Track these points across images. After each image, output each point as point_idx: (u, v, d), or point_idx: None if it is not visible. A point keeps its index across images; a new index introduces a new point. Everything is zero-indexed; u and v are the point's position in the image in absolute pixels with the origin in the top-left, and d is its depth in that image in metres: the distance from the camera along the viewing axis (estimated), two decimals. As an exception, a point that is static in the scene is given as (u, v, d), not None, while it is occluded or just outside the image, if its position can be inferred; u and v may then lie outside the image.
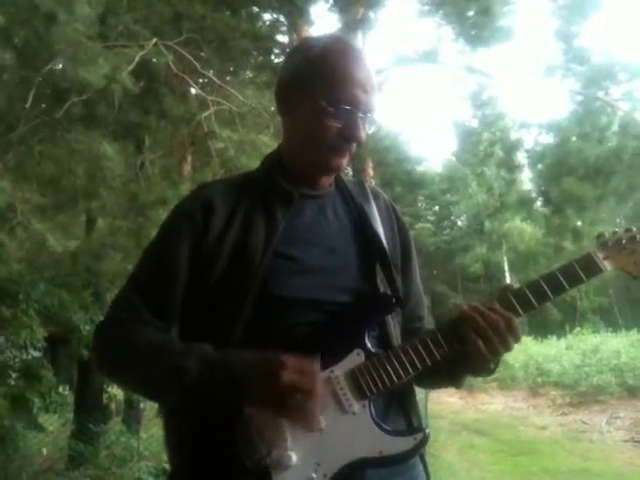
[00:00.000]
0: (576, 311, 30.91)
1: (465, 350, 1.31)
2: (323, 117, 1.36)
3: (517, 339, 1.30)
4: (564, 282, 1.34)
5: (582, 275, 1.34)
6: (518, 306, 1.32)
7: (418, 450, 1.29)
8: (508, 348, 1.30)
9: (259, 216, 1.39)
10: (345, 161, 1.43)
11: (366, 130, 1.42)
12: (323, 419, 1.24)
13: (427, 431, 1.30)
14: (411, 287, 1.58)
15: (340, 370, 1.28)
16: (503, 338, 1.28)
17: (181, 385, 1.21)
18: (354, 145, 1.41)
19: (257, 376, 1.16)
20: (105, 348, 1.38)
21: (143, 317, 1.34)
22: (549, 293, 1.33)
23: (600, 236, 1.40)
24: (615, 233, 1.40)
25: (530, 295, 1.33)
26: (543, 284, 1.33)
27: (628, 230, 1.40)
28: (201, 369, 1.20)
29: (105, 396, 9.83)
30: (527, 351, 17.95)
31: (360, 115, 1.38)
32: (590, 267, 1.35)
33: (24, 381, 7.12)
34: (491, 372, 1.39)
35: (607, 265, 1.37)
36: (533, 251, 29.15)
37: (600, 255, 1.37)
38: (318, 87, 1.37)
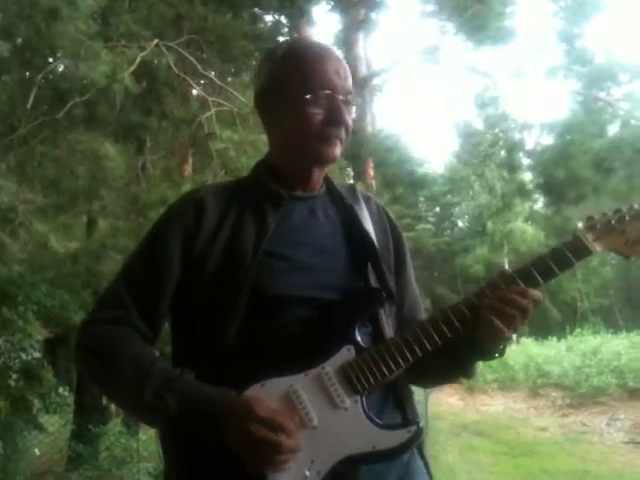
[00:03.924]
0: (576, 312, 30.91)
1: (476, 333, 1.32)
2: (304, 107, 1.38)
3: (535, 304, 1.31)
4: (554, 266, 1.33)
5: (572, 258, 1.34)
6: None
7: (412, 443, 1.29)
8: (526, 316, 1.30)
9: (250, 218, 1.40)
10: (337, 150, 1.43)
11: (350, 114, 1.43)
12: (315, 416, 1.25)
13: (421, 424, 1.30)
14: (406, 290, 1.58)
15: (331, 366, 1.28)
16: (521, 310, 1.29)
17: (159, 420, 1.26)
18: (343, 131, 1.42)
19: (230, 425, 1.18)
20: (88, 350, 1.38)
21: (130, 319, 1.35)
22: (539, 278, 1.32)
23: (589, 219, 1.39)
24: (604, 215, 1.40)
25: (520, 281, 1.32)
26: (533, 269, 1.33)
27: (617, 211, 1.39)
28: (180, 411, 1.21)
29: (105, 397, 9.83)
30: (527, 352, 17.94)
31: (341, 98, 1.40)
32: (579, 250, 1.35)
33: (24, 382, 7.11)
34: (502, 353, 1.38)
35: (597, 247, 1.36)
36: (535, 252, 29.10)
37: (589, 237, 1.36)
38: (293, 82, 1.40)
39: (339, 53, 1.47)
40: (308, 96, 1.37)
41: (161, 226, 1.46)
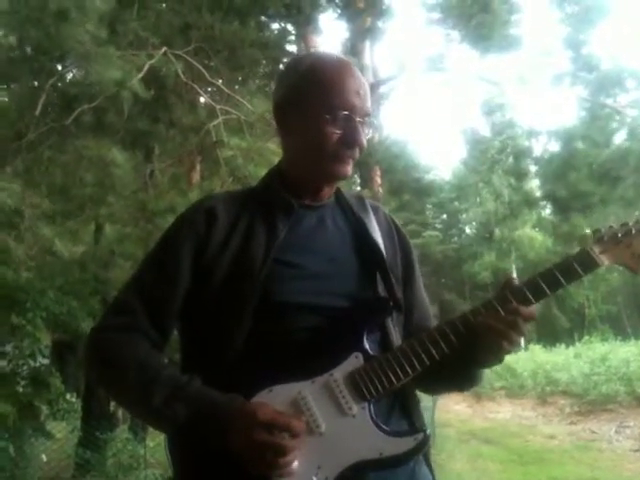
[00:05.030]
0: (585, 319, 30.81)
1: (477, 345, 1.33)
2: (322, 125, 1.39)
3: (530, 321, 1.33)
4: (561, 278, 1.35)
5: (579, 270, 1.35)
6: (516, 304, 1.33)
7: (419, 450, 1.29)
8: (519, 333, 1.32)
9: (260, 226, 1.42)
10: (350, 169, 1.45)
11: (366, 135, 1.44)
12: (322, 423, 1.25)
13: (427, 431, 1.30)
14: (415, 300, 1.59)
15: (339, 373, 1.29)
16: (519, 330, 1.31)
17: (168, 427, 1.28)
18: (357, 151, 1.43)
19: (235, 431, 1.19)
20: (96, 358, 1.40)
21: (140, 325, 1.36)
22: (546, 289, 1.34)
23: (596, 232, 1.41)
24: (611, 228, 1.41)
25: (528, 292, 1.34)
26: (540, 281, 1.35)
27: (624, 224, 1.41)
28: (187, 417, 1.23)
29: (112, 404, 9.83)
30: (535, 360, 17.88)
31: (358, 119, 1.41)
32: (587, 262, 1.36)
33: (32, 388, 7.12)
34: (501, 361, 1.39)
35: (604, 260, 1.37)
36: (543, 259, 29.05)
37: (597, 250, 1.37)
38: (313, 98, 1.41)
39: (361, 74, 1.47)
40: (328, 116, 1.38)
41: (172, 234, 1.47)
